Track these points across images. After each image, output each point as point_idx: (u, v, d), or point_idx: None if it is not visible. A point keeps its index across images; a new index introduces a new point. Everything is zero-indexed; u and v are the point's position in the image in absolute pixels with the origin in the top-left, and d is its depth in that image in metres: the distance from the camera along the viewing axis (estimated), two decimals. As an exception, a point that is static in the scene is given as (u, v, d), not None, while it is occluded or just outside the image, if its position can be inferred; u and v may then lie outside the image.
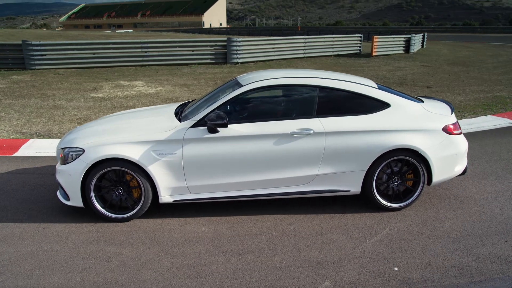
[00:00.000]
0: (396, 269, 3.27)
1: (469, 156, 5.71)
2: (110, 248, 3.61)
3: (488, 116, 8.68)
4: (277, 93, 4.53)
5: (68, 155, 4.04)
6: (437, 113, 4.36)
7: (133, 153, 3.92)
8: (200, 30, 74.82)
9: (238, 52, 17.34)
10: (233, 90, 4.23)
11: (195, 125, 4.03)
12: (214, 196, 4.13)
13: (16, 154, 6.27)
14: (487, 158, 5.96)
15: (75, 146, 4.05)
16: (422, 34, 27.53)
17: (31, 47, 14.89)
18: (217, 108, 4.08)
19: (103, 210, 4.05)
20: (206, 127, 4.00)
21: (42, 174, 5.42)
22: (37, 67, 15.07)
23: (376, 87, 4.40)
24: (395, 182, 4.25)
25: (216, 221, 4.12)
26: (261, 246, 3.64)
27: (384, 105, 4.23)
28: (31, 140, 6.94)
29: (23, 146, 6.61)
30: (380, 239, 3.73)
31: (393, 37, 22.85)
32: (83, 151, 3.97)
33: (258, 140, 4.02)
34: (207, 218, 4.17)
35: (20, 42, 15.11)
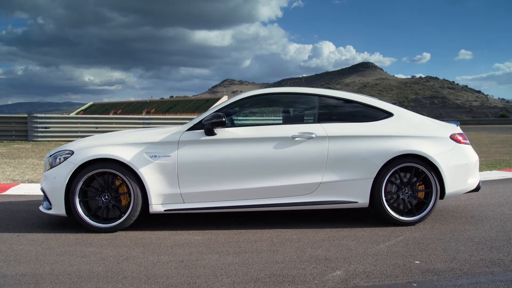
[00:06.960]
0: (417, 262, 2.82)
1: (481, 194, 5.42)
2: (90, 249, 3.17)
3: (493, 171, 8.45)
4: (277, 103, 4.44)
5: (55, 159, 3.79)
6: (442, 124, 4.22)
7: (124, 154, 3.68)
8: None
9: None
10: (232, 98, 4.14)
11: (192, 128, 3.86)
12: (209, 206, 3.77)
13: (4, 193, 5.94)
14: (500, 194, 5.64)
15: (65, 149, 3.83)
16: (416, 120, 28.36)
17: (36, 119, 15.22)
18: (215, 112, 3.94)
19: (86, 218, 3.66)
20: (203, 130, 3.82)
21: (27, 204, 5.06)
22: (39, 139, 15.21)
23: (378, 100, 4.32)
24: (406, 193, 3.92)
25: (211, 232, 3.71)
26: (261, 249, 3.20)
27: (387, 114, 4.09)
28: (21, 184, 6.63)
29: (12, 188, 6.29)
30: (395, 243, 3.30)
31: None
32: (72, 153, 3.74)
33: (258, 143, 3.80)
34: (201, 231, 3.76)
35: (26, 115, 15.49)
